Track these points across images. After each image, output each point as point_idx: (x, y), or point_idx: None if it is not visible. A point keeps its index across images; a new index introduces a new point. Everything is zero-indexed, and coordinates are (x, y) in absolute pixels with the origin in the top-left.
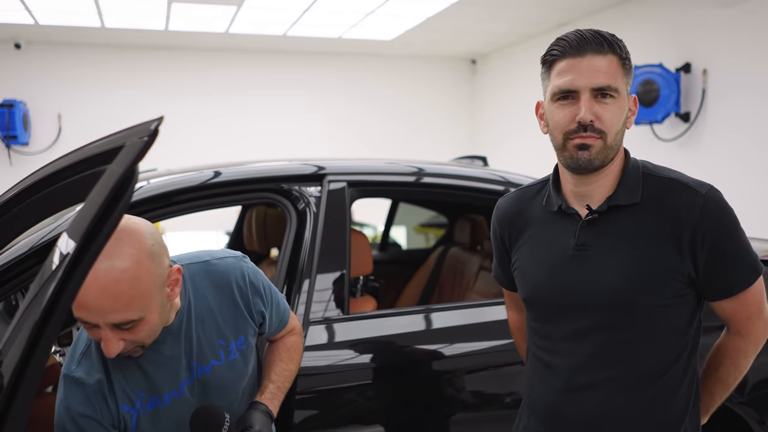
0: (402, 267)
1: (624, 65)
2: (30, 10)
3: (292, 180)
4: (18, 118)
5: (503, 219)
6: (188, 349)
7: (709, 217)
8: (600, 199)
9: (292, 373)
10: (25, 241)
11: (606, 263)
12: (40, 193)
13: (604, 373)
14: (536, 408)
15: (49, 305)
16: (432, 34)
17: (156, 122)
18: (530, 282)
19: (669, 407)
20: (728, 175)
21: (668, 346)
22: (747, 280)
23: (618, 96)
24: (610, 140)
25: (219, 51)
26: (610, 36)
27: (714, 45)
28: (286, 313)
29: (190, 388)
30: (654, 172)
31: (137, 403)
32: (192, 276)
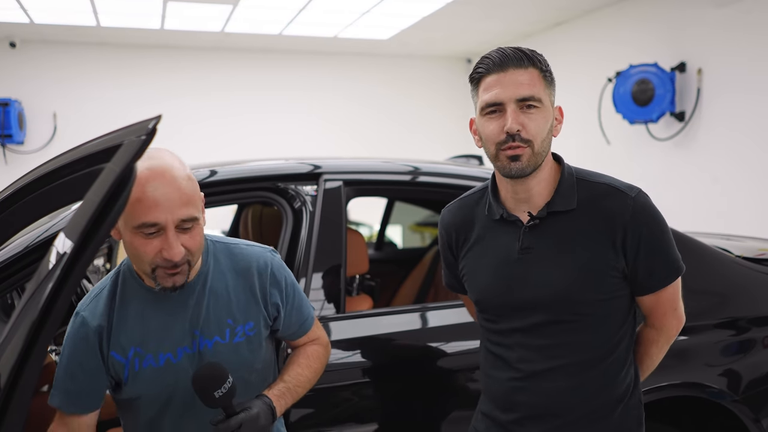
0: (398, 266)
1: (545, 77)
2: (25, 8)
3: (288, 179)
4: (13, 117)
5: (449, 228)
6: (195, 317)
7: (639, 218)
8: (539, 205)
9: (308, 380)
10: (21, 239)
11: (549, 265)
12: (37, 191)
13: (552, 362)
14: (493, 394)
15: (46, 304)
16: (427, 34)
17: (154, 121)
18: (479, 285)
19: (612, 388)
20: (723, 174)
21: (610, 334)
22: (667, 278)
23: (541, 106)
24: (537, 147)
25: (215, 50)
26: (530, 51)
27: (709, 44)
28: (309, 319)
29: (189, 357)
30: (587, 177)
31: (130, 354)
32: (216, 252)
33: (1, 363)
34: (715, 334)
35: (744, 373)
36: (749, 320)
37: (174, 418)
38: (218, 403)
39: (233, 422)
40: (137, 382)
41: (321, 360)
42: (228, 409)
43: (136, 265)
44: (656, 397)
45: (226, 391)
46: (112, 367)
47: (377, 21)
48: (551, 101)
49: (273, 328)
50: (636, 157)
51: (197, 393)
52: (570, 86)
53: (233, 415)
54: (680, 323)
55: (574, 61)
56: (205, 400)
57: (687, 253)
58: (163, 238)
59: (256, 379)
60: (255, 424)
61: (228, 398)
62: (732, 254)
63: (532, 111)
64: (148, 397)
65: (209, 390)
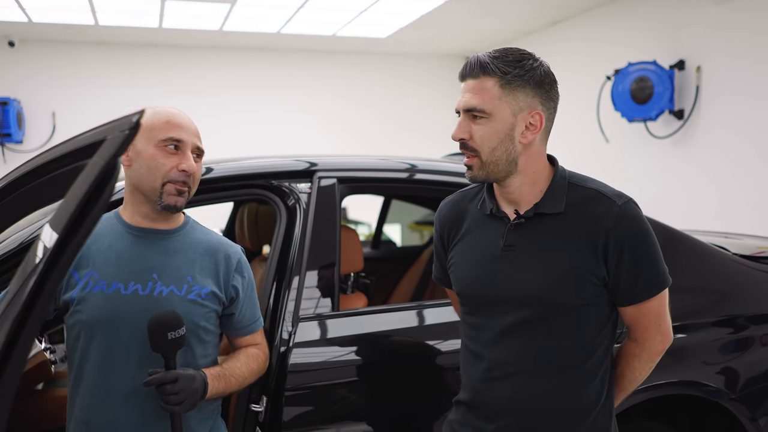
0: (395, 264)
1: (504, 85)
2: (23, 7)
3: (282, 176)
4: (12, 116)
5: (444, 220)
6: (159, 263)
7: (622, 225)
8: (528, 205)
9: (243, 376)
10: (14, 236)
11: (530, 264)
12: (22, 188)
13: (523, 363)
14: (467, 389)
15: (30, 297)
16: (425, 32)
17: (137, 115)
18: (462, 278)
19: (582, 397)
20: (722, 171)
21: (584, 342)
22: (650, 291)
23: (489, 116)
24: (485, 157)
25: (213, 49)
26: (492, 58)
27: (708, 42)
28: (258, 321)
29: (138, 296)
30: (579, 182)
31: (87, 276)
32: (194, 225)
33: None
34: (712, 332)
35: (741, 371)
36: (747, 318)
37: (102, 358)
38: (166, 347)
39: (171, 374)
40: (83, 303)
41: (259, 363)
42: (170, 360)
43: (148, 181)
44: (652, 395)
45: (177, 336)
46: (67, 285)
47: (375, 19)
48: (513, 109)
49: (228, 311)
50: (635, 155)
51: (150, 331)
52: (568, 84)
53: (171, 369)
54: (665, 340)
55: (573, 60)
56: (155, 340)
57: (685, 251)
58: (181, 155)
59: (199, 352)
60: (190, 383)
61: (176, 345)
62: (730, 252)
63: (479, 121)
64: (87, 323)
65: (164, 329)
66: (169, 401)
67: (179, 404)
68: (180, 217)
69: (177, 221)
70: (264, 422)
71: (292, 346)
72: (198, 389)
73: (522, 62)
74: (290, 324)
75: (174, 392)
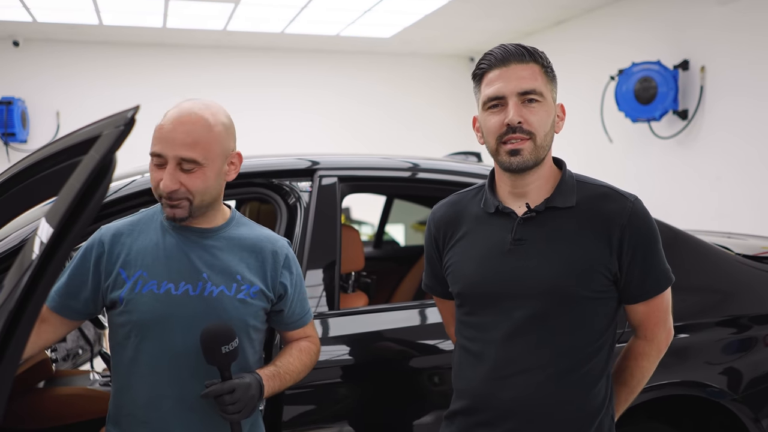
0: (397, 264)
1: (546, 73)
2: (28, 7)
3: (282, 175)
4: (16, 116)
5: (439, 222)
6: (208, 262)
7: (636, 222)
8: (536, 201)
9: (297, 371)
10: (16, 233)
11: (542, 255)
12: (19, 185)
13: (531, 361)
14: (465, 396)
15: (25, 292)
16: (430, 32)
17: (132, 111)
18: (464, 277)
19: (590, 398)
20: (726, 172)
21: (591, 339)
22: (660, 286)
23: (543, 100)
24: (539, 140)
25: (217, 48)
26: (532, 48)
27: (712, 42)
28: (308, 314)
29: (189, 297)
30: (587, 181)
31: (136, 275)
32: (240, 220)
33: None
34: (715, 332)
35: (744, 371)
36: (750, 318)
37: (153, 360)
38: (220, 360)
39: (227, 385)
40: (133, 303)
41: (311, 356)
42: (225, 371)
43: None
44: (655, 395)
45: (231, 350)
46: (114, 283)
47: (379, 19)
48: (553, 97)
49: (277, 308)
50: (638, 156)
51: (203, 344)
52: (572, 85)
53: (228, 379)
54: (669, 336)
55: (577, 60)
56: (208, 354)
57: (688, 250)
58: (163, 171)
59: (249, 351)
60: (247, 391)
61: (230, 358)
62: (733, 252)
63: (533, 105)
64: (138, 323)
65: (218, 344)
66: (227, 411)
67: (238, 413)
68: (223, 213)
69: (221, 218)
70: (264, 421)
71: None
72: (255, 395)
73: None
74: None
75: (232, 402)
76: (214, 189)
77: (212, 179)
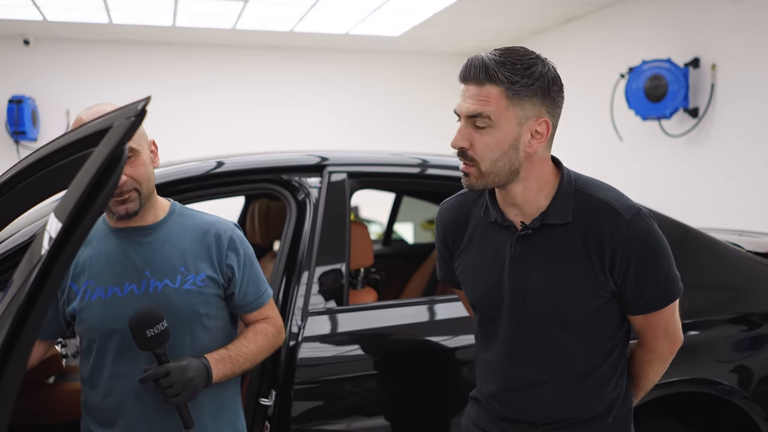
0: (405, 261)
1: (510, 94)
2: (38, 6)
3: (292, 171)
4: (27, 114)
5: (446, 224)
6: (149, 260)
7: (630, 241)
8: (533, 213)
9: (251, 353)
10: (27, 228)
11: (538, 276)
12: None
13: (538, 374)
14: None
15: (34, 287)
16: (438, 30)
17: (143, 102)
18: (472, 288)
19: (600, 400)
20: (736, 170)
21: (597, 349)
22: (657, 303)
23: (492, 124)
24: (485, 168)
25: (226, 47)
26: (496, 65)
27: (723, 40)
28: (264, 295)
29: (135, 296)
30: (585, 189)
31: (84, 284)
32: (181, 212)
33: None
34: (726, 329)
35: (755, 369)
36: (761, 316)
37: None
38: (149, 344)
39: (161, 369)
40: (85, 312)
41: (269, 338)
42: (159, 356)
43: None
44: (665, 392)
45: (157, 333)
46: (68, 297)
47: (388, 18)
48: (519, 118)
49: (229, 291)
50: (648, 154)
51: (131, 331)
52: (582, 83)
53: (163, 363)
54: (674, 343)
55: (586, 58)
56: (137, 339)
57: (699, 248)
58: None
59: (205, 339)
60: (182, 375)
61: (159, 341)
62: (744, 249)
63: (481, 131)
64: (92, 331)
65: (142, 328)
66: (165, 394)
67: (176, 395)
68: (162, 208)
69: (159, 214)
70: (273, 416)
71: (301, 340)
72: (193, 378)
73: (530, 69)
74: (299, 318)
75: (168, 385)
76: (152, 175)
77: (149, 165)
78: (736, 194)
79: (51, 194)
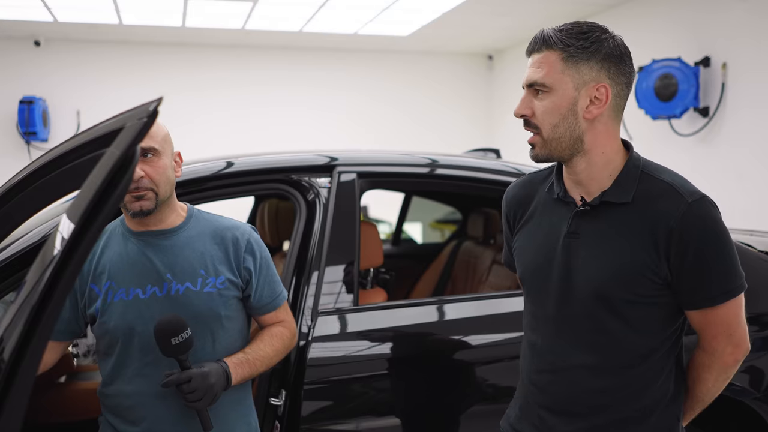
0: (415, 261)
1: (566, 58)
2: (49, 7)
3: (302, 171)
4: (37, 115)
5: (512, 201)
6: (170, 262)
7: (689, 226)
8: (595, 191)
9: (268, 356)
10: (39, 228)
11: (591, 255)
12: (41, 179)
13: (579, 359)
14: (524, 381)
15: (48, 287)
16: (447, 30)
17: (155, 103)
18: (524, 262)
19: (640, 399)
20: (747, 170)
21: (643, 341)
22: (717, 298)
23: (550, 91)
24: (547, 134)
25: (235, 47)
26: (556, 32)
27: (733, 39)
28: (280, 297)
29: (157, 299)
30: (652, 173)
31: (105, 286)
32: (199, 216)
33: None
34: None
35: (767, 370)
36: None
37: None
38: (173, 351)
39: (184, 375)
40: (107, 313)
41: (284, 341)
42: (182, 362)
43: None
44: None
45: (182, 341)
46: (89, 299)
47: (397, 17)
48: (576, 82)
49: (245, 293)
50: (659, 153)
51: (156, 338)
52: None
53: (186, 369)
54: (738, 351)
55: None
56: (161, 346)
57: None
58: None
59: (224, 340)
60: (204, 381)
61: (183, 348)
62: (755, 249)
63: (540, 96)
64: (115, 332)
65: (167, 336)
66: (187, 399)
67: (198, 401)
68: (181, 212)
69: (178, 218)
70: (283, 416)
71: (311, 340)
72: (214, 384)
73: (587, 34)
74: (309, 318)
75: (190, 391)
76: (171, 180)
77: (170, 171)
78: (747, 194)
79: (63, 195)
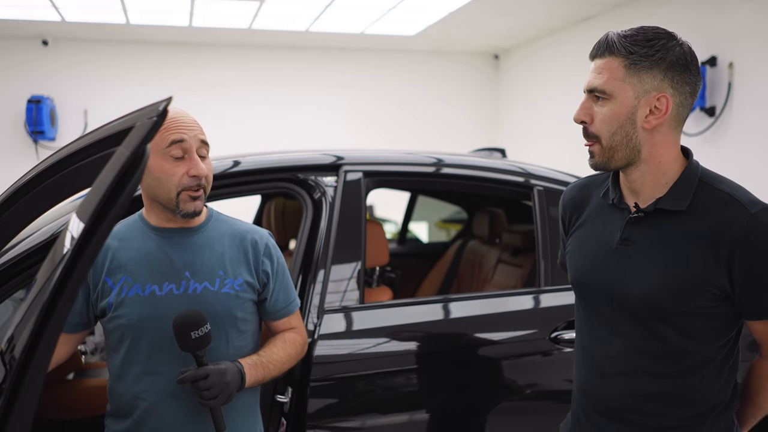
0: (420, 260)
1: (628, 65)
2: (57, 7)
3: (308, 170)
4: (45, 114)
5: (568, 204)
6: (189, 261)
7: (753, 236)
8: (650, 198)
9: (281, 361)
10: (46, 227)
11: (644, 263)
12: (52, 178)
13: (632, 365)
14: (578, 387)
15: (58, 285)
16: (453, 30)
17: (165, 102)
18: (576, 267)
19: (694, 406)
20: (754, 169)
21: (698, 350)
22: None
23: (610, 98)
24: (605, 142)
25: (241, 47)
26: (620, 38)
27: (740, 38)
28: (293, 303)
29: (173, 296)
30: (711, 182)
31: (120, 280)
32: (218, 218)
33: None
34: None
35: None
36: None
37: (146, 360)
38: (192, 346)
39: (201, 371)
40: (121, 308)
41: (296, 347)
42: (199, 358)
43: (162, 193)
44: None
45: (201, 335)
46: (101, 292)
47: (403, 17)
48: (637, 91)
49: (261, 296)
50: None
51: (175, 332)
52: None
53: (203, 365)
54: None
55: None
56: (180, 340)
57: None
58: (188, 160)
59: (239, 342)
60: (221, 378)
61: (201, 343)
62: None
63: (600, 103)
64: (127, 327)
65: (186, 330)
66: (203, 396)
67: (213, 398)
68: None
69: (200, 217)
70: (289, 413)
71: (317, 338)
72: (230, 382)
73: (652, 41)
74: (315, 316)
75: (206, 388)
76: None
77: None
78: (754, 193)
79: (73, 193)
